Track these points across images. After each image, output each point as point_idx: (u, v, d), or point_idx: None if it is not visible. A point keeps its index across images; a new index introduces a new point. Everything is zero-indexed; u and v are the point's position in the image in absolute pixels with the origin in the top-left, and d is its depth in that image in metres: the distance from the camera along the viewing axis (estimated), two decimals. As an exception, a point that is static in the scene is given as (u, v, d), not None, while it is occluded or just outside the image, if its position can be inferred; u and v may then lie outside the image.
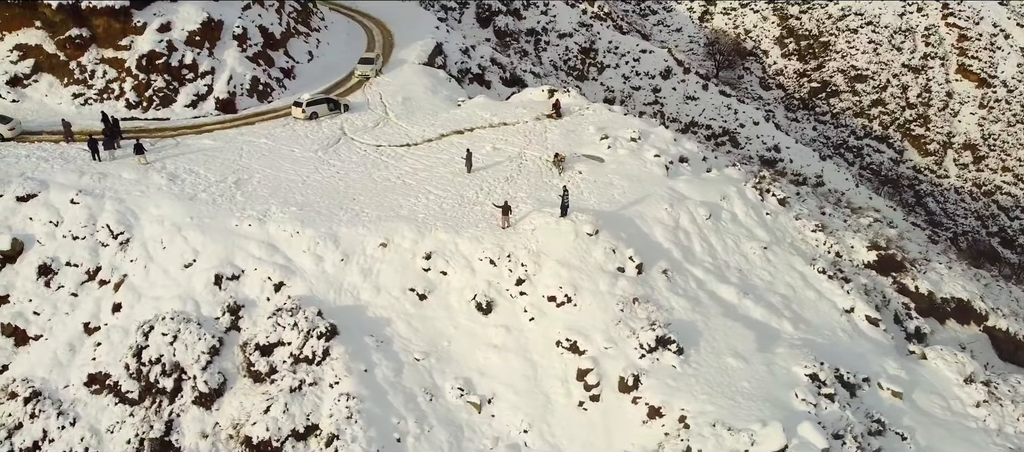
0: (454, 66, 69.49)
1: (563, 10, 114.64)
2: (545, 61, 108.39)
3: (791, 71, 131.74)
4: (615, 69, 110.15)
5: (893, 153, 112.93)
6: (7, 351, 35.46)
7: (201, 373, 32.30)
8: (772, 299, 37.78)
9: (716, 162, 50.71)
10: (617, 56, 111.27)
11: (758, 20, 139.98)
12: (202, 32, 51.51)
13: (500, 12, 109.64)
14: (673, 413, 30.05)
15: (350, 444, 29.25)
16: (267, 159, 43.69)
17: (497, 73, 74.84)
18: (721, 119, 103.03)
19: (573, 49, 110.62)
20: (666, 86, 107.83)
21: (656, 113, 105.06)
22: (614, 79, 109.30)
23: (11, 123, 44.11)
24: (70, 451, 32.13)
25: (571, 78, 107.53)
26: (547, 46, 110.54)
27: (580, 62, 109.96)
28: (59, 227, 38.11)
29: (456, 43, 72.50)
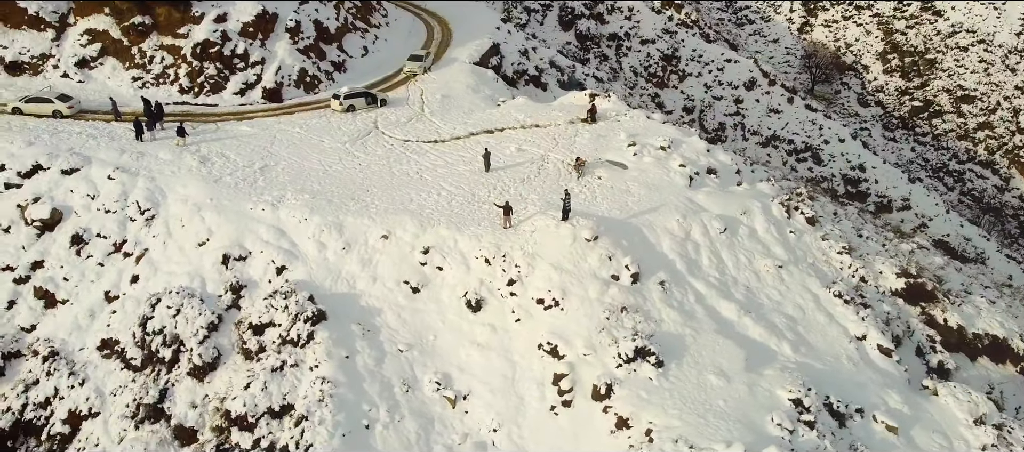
0: (510, 67, 69.98)
1: (647, 16, 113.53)
2: (625, 67, 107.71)
3: (892, 88, 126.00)
4: (697, 78, 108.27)
5: (998, 180, 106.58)
6: (37, 312, 38.16)
7: (197, 347, 33.93)
8: (776, 319, 36.54)
9: (752, 176, 49.26)
10: (700, 64, 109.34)
11: (860, 34, 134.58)
12: (256, 24, 53.83)
13: (583, 16, 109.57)
14: (640, 425, 29.62)
15: (316, 426, 30.14)
16: (296, 148, 45.33)
17: (555, 76, 74.87)
18: (804, 134, 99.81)
19: (654, 56, 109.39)
20: (749, 97, 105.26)
21: (736, 125, 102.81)
22: (695, 88, 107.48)
23: (70, 102, 47.34)
24: (76, 409, 34.29)
25: (650, 85, 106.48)
26: (628, 51, 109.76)
27: (661, 69, 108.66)
28: (95, 200, 40.70)
29: (515, 44, 72.95)
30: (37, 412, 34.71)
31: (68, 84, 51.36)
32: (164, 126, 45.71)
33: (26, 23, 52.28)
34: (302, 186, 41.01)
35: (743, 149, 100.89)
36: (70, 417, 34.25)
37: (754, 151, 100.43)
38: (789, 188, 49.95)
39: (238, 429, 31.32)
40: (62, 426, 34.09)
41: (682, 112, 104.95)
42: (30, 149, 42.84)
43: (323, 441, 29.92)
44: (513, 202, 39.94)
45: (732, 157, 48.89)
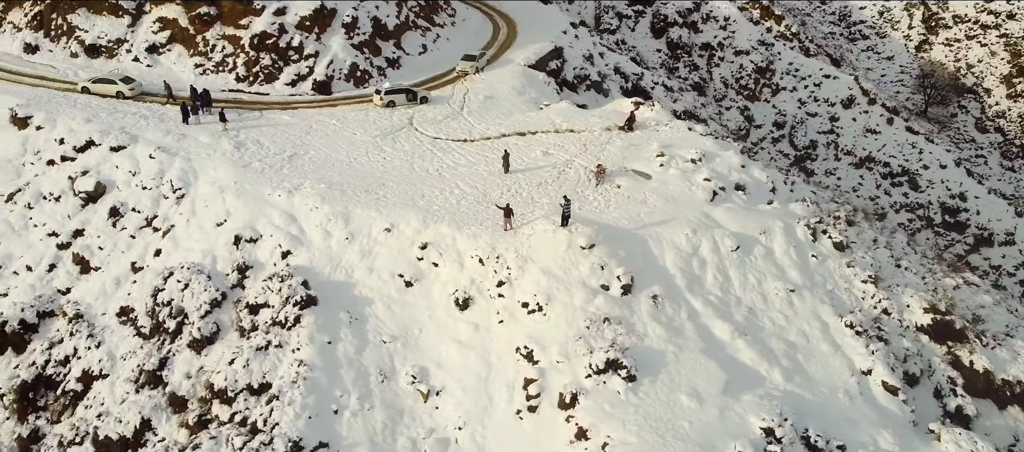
0: (571, 71, 69.80)
1: (744, 26, 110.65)
2: (715, 77, 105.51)
3: (1015, 114, 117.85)
4: (791, 92, 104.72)
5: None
6: (73, 276, 41.15)
7: (199, 320, 35.79)
8: (774, 345, 35.14)
9: (789, 195, 47.36)
10: (795, 79, 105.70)
11: (984, 55, 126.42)
12: (313, 18, 56.03)
13: (675, 24, 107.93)
14: (598, 438, 29.22)
15: (285, 406, 31.27)
16: (328, 139, 46.94)
17: (618, 82, 74.15)
18: (902, 157, 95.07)
19: (747, 68, 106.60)
20: (846, 116, 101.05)
21: (830, 144, 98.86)
22: (788, 103, 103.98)
23: (132, 84, 50.75)
24: (89, 369, 36.82)
25: (740, 98, 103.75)
26: (720, 62, 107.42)
27: (753, 82, 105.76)
28: (136, 177, 43.52)
29: (580, 49, 72.70)
30: (57, 369, 37.46)
31: (138, 68, 55.00)
32: (211, 111, 48.20)
33: (107, 9, 56.31)
34: (322, 176, 42.46)
35: (834, 169, 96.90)
36: (83, 376, 36.78)
37: (846, 172, 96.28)
38: (828, 210, 47.74)
39: (219, 401, 32.86)
40: (76, 383, 36.66)
41: (772, 127, 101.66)
42: (87, 126, 46.20)
43: (289, 421, 31.01)
44: (523, 205, 40.04)
45: (768, 174, 47.16)
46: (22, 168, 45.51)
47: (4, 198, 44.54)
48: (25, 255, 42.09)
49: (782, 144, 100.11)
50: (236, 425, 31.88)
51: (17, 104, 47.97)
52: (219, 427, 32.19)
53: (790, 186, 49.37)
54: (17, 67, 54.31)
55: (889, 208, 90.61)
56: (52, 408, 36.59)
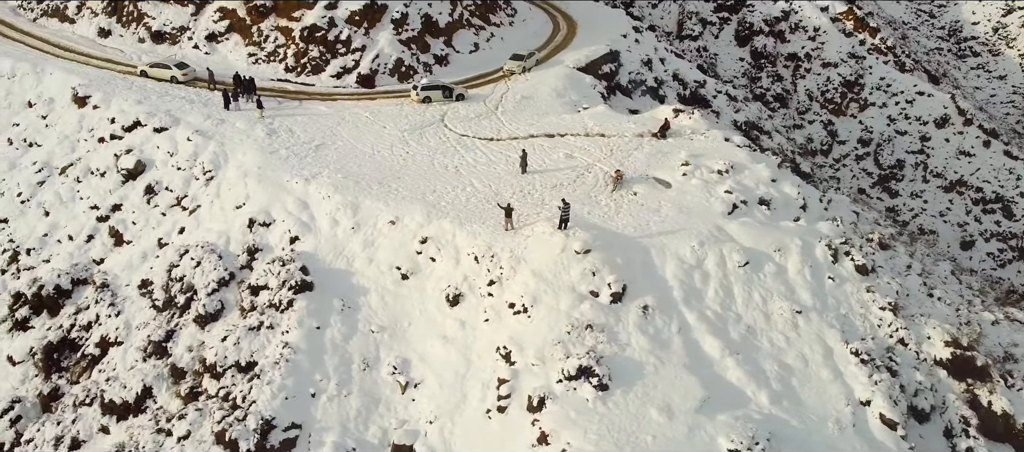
0: (627, 76, 68.95)
1: (834, 38, 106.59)
2: (800, 89, 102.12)
3: None
4: (880, 108, 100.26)
5: None
6: (107, 248, 43.70)
7: (205, 298, 37.43)
8: (768, 366, 33.87)
9: (823, 212, 45.42)
10: (886, 95, 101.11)
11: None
12: (363, 13, 57.46)
13: (761, 32, 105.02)
14: (557, 444, 29.00)
15: (264, 386, 32.35)
16: (357, 131, 48.08)
17: (676, 89, 72.71)
18: (997, 183, 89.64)
19: (834, 81, 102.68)
20: (938, 136, 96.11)
21: (918, 165, 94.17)
22: (876, 119, 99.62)
23: (186, 69, 53.40)
24: (106, 335, 39.05)
25: (825, 111, 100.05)
26: (806, 73, 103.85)
27: (839, 95, 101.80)
28: (173, 157, 45.79)
29: (639, 54, 71.66)
30: (80, 333, 39.87)
31: (197, 55, 57.79)
32: (252, 99, 50.13)
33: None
34: (342, 166, 43.55)
35: (921, 192, 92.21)
36: (101, 341, 39.02)
37: (933, 195, 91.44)
38: (863, 232, 45.58)
39: (209, 376, 34.29)
40: (94, 348, 38.93)
41: (857, 143, 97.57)
42: (137, 107, 48.94)
43: (265, 399, 32.06)
44: (533, 206, 39.99)
45: (801, 190, 45.30)
46: (77, 144, 48.59)
47: (59, 170, 47.59)
48: (69, 225, 44.94)
49: (866, 162, 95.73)
50: (220, 399, 33.18)
51: (80, 84, 51.24)
52: (206, 400, 33.57)
53: (826, 203, 47.36)
54: (89, 50, 57.98)
55: (978, 236, 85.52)
56: (72, 369, 38.95)
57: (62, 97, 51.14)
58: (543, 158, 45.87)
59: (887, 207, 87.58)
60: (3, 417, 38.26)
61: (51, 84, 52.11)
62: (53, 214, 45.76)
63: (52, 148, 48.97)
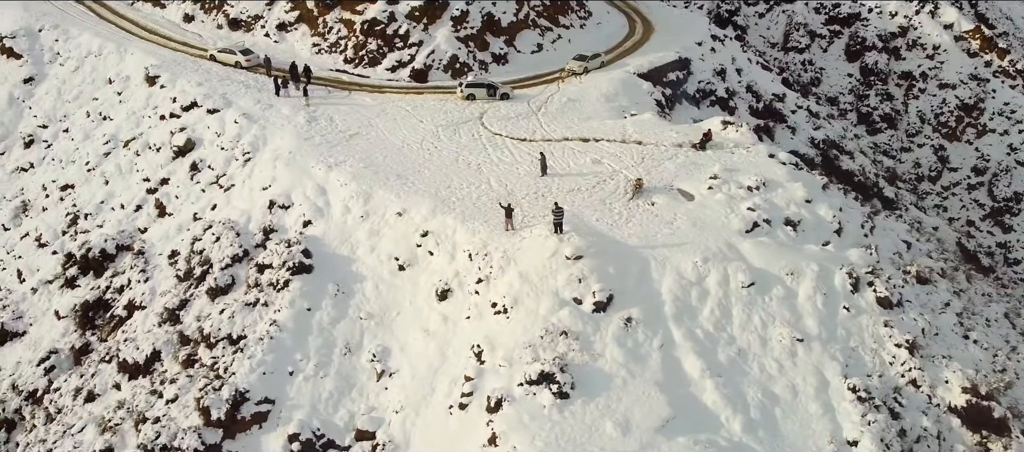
0: (695, 85, 67.01)
1: (955, 57, 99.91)
2: (912, 110, 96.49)
3: None
4: (1001, 136, 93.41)
5: None
6: (152, 218, 46.67)
7: (219, 272, 39.40)
8: (751, 393, 32.37)
9: (862, 239, 42.78)
10: (1008, 121, 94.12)
11: None
12: (423, 9, 58.66)
13: (874, 48, 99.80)
14: (505, 446, 28.93)
15: (245, 359, 33.79)
16: (394, 123, 49.18)
17: (748, 101, 70.00)
18: None
19: (951, 103, 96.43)
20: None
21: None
22: (995, 147, 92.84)
23: (249, 56, 56.24)
24: (133, 299, 41.76)
25: (937, 135, 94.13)
26: (920, 94, 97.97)
27: (955, 119, 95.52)
28: (219, 138, 48.35)
29: (713, 63, 69.43)
30: (113, 295, 42.79)
31: (267, 42, 60.69)
32: (300, 87, 52.10)
33: (252, -12, 62.64)
34: (367, 156, 44.69)
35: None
36: (129, 304, 41.74)
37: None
38: (900, 263, 42.63)
39: (205, 346, 36.09)
40: (122, 310, 41.69)
41: (970, 172, 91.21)
42: (197, 88, 51.98)
43: (243, 372, 33.49)
44: (543, 209, 39.68)
45: (840, 214, 42.78)
46: (141, 120, 52.11)
47: (123, 143, 51.22)
48: (123, 195, 48.30)
49: (979, 192, 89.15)
50: (208, 368, 34.85)
51: (152, 64, 54.92)
52: (198, 368, 35.35)
53: (867, 230, 44.54)
54: (171, 33, 61.98)
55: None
56: (102, 328, 41.89)
57: (136, 76, 54.92)
58: (569, 162, 45.44)
59: (998, 242, 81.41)
60: (40, 365, 41.54)
61: (130, 63, 56.04)
62: (111, 183, 49.26)
63: (121, 122, 52.70)
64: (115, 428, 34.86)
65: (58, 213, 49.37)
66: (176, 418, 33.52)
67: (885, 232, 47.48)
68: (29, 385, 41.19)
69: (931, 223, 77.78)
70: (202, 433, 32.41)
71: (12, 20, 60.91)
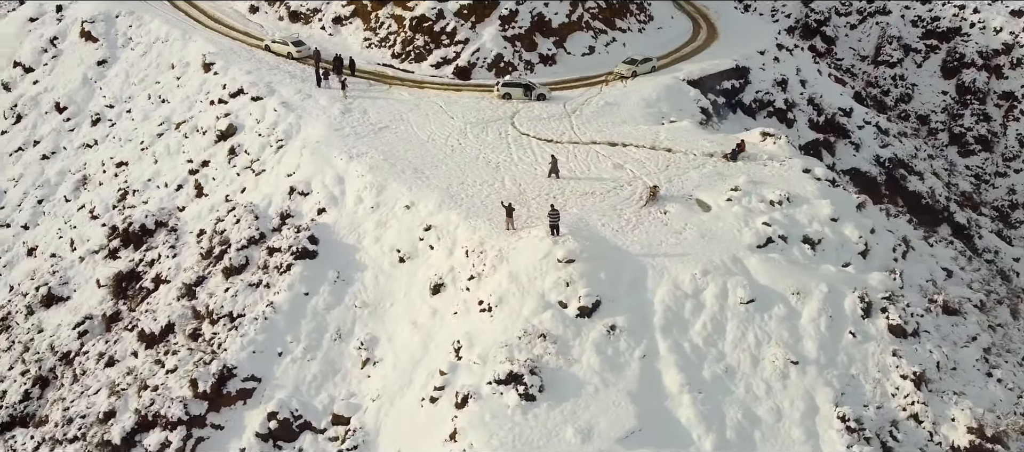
0: (752, 95, 65.00)
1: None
2: (1010, 133, 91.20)
3: None
4: None
5: None
6: (190, 198, 48.87)
7: (234, 252, 41.02)
8: (731, 412, 31.37)
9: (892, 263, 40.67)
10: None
11: None
12: (471, 7, 59.24)
13: (973, 65, 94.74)
14: (463, 443, 29.14)
15: (238, 337, 35.08)
16: (425, 118, 49.87)
17: (809, 114, 67.30)
18: None
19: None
20: None
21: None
22: None
23: (301, 47, 58.12)
24: (160, 273, 43.94)
25: None
26: (1022, 116, 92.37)
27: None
28: (259, 125, 50.22)
29: (775, 73, 67.11)
30: (144, 268, 45.13)
31: (322, 35, 62.52)
32: (341, 79, 53.44)
33: (310, -17, 64.76)
34: (390, 149, 45.49)
35: None
36: (156, 278, 43.96)
37: None
38: (929, 291, 40.25)
39: (208, 321, 37.65)
40: (150, 283, 43.95)
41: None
42: (245, 76, 54.15)
43: (235, 348, 34.80)
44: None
45: (863, 234, 40.73)
46: (194, 104, 54.68)
47: (175, 126, 53.91)
48: (168, 174, 50.82)
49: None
50: (207, 342, 36.35)
51: (209, 52, 57.53)
52: (199, 342, 36.91)
53: (900, 254, 42.25)
54: (235, 23, 64.69)
55: None
56: (132, 298, 44.25)
57: (195, 62, 57.62)
58: (590, 166, 45.00)
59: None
60: (75, 329, 44.27)
61: (191, 50, 58.86)
62: (160, 163, 51.90)
63: (176, 105, 55.44)
64: (121, 393, 36.76)
65: (111, 188, 52.33)
66: (172, 388, 35.09)
67: (923, 258, 44.97)
68: (64, 347, 43.89)
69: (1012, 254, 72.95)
70: (188, 404, 33.88)
71: (94, 6, 64.93)
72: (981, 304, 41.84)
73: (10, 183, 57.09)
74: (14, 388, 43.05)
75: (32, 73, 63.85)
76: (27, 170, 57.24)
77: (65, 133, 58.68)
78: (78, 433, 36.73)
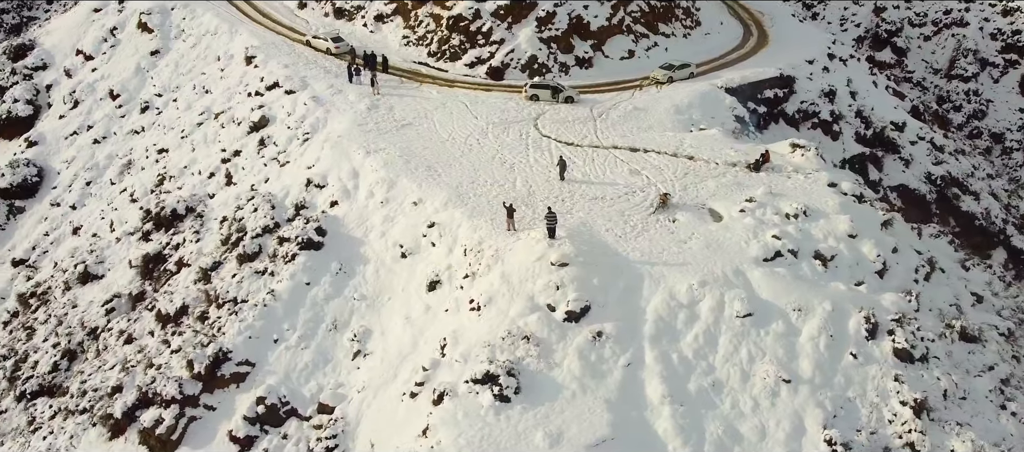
0: (796, 105, 63.16)
1: None
2: None
3: None
4: None
5: None
6: (220, 185, 50.47)
7: (249, 240, 42.23)
8: (712, 428, 30.68)
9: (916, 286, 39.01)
10: None
11: None
12: (509, 9, 59.44)
13: None
14: (433, 439, 29.31)
15: (237, 321, 36.08)
16: (448, 117, 50.27)
17: (856, 127, 64.94)
18: None
19: None
20: None
21: None
22: None
23: (339, 44, 59.37)
24: (182, 257, 45.56)
25: None
26: None
27: None
28: (289, 117, 51.55)
29: (822, 83, 65.00)
30: (170, 251, 46.86)
31: (363, 32, 63.74)
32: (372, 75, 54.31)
33: (357, -20, 66.06)
34: (407, 146, 46.02)
35: None
36: (178, 261, 45.60)
37: None
38: (950, 315, 38.39)
39: (215, 306, 38.84)
40: (173, 266, 45.62)
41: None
42: (282, 70, 55.68)
43: (232, 332, 35.83)
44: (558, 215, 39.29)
45: (881, 253, 39.15)
46: (233, 95, 56.52)
47: (214, 116, 55.80)
48: (203, 162, 52.64)
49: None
50: (211, 325, 37.52)
51: (252, 45, 59.35)
52: (205, 324, 38.13)
53: (922, 276, 40.46)
54: (282, 18, 66.53)
55: None
56: (157, 280, 46.01)
57: (239, 55, 59.53)
58: (605, 170, 44.58)
59: None
60: (103, 306, 46.27)
61: (236, 43, 60.82)
62: (197, 151, 53.81)
63: (217, 96, 57.38)
64: (130, 369, 38.27)
65: (151, 173, 54.50)
66: (173, 367, 36.34)
67: (951, 281, 42.93)
68: (92, 322, 45.91)
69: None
70: (183, 384, 35.04)
71: (153, 0, 67.93)
72: (1008, 333, 39.68)
73: (63, 165, 59.96)
74: (45, 359, 45.14)
75: (91, 61, 67.00)
76: (79, 153, 60.03)
77: (116, 119, 61.35)
78: (87, 404, 38.40)
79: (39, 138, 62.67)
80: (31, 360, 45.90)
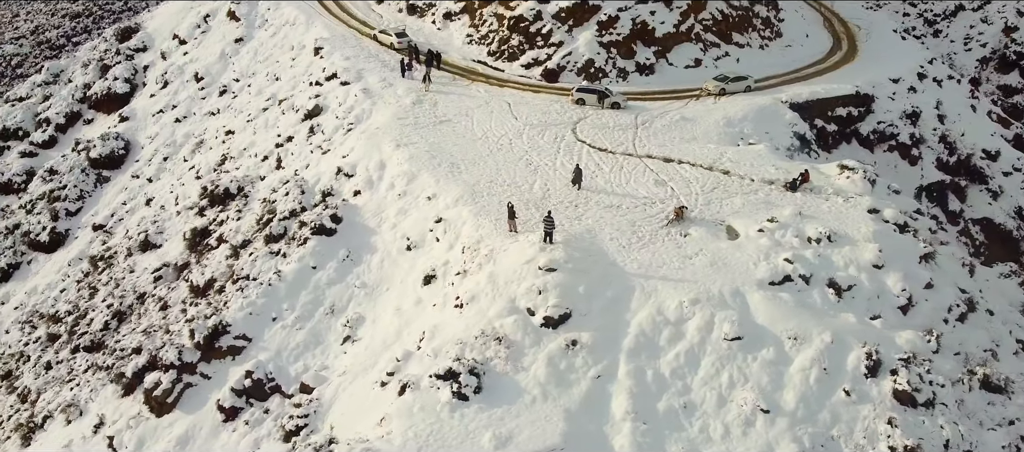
0: (871, 125, 59.61)
1: None
2: None
3: None
4: None
5: None
6: (271, 169, 52.91)
7: (276, 222, 44.15)
8: (673, 450, 29.64)
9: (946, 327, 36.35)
10: None
11: None
12: (570, 11, 59.15)
13: None
14: (386, 428, 29.84)
15: (241, 298, 37.82)
16: (488, 116, 50.63)
17: (938, 153, 60.52)
18: None
19: None
20: None
21: None
22: None
23: (403, 39, 60.83)
24: (222, 234, 48.07)
25: None
26: None
27: None
28: (339, 107, 53.41)
29: (905, 104, 61.02)
30: (215, 226, 49.54)
31: (432, 29, 65.03)
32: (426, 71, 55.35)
33: (433, -21, 67.42)
34: (436, 142, 46.71)
35: None
36: (218, 237, 48.18)
37: None
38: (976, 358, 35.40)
39: (231, 282, 40.84)
40: (214, 241, 48.25)
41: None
42: (343, 62, 57.72)
43: (234, 308, 37.60)
44: (567, 220, 38.98)
45: (909, 287, 36.60)
46: (297, 84, 59.06)
47: (278, 102, 58.54)
48: (260, 145, 55.34)
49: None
50: (222, 298, 39.49)
51: (321, 37, 61.78)
52: (219, 296, 40.21)
53: (955, 316, 37.49)
54: (358, 12, 68.75)
55: None
56: (200, 253, 48.79)
57: (310, 46, 62.08)
58: (629, 179, 43.75)
59: None
60: (153, 273, 49.56)
61: (309, 34, 63.46)
62: (256, 134, 56.61)
63: (284, 84, 60.12)
64: (151, 334, 40.84)
65: (217, 153, 57.76)
66: (183, 335, 38.52)
67: (993, 326, 39.46)
68: (141, 288, 49.23)
69: None
70: (183, 351, 37.05)
71: (245, -10, 71.88)
72: (1000, 379, 36.07)
73: (147, 140, 64.43)
74: (99, 318, 48.77)
75: (185, 45, 71.65)
76: (162, 130, 64.36)
77: (197, 100, 65.35)
78: (113, 362, 41.24)
79: (131, 114, 67.57)
80: (88, 317, 49.60)
